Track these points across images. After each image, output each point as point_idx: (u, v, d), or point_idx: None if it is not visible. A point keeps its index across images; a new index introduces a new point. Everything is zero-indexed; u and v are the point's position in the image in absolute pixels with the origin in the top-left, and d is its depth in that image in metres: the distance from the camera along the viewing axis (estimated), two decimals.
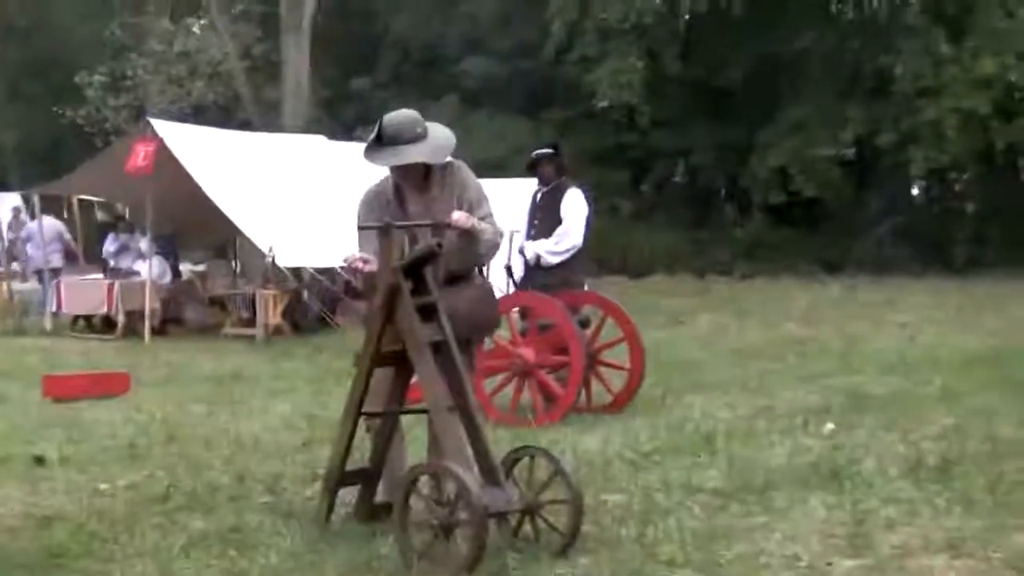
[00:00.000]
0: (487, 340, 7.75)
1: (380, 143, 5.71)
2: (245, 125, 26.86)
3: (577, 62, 25.87)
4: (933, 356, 12.40)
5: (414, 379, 5.60)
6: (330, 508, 5.75)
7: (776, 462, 6.91)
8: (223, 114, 29.01)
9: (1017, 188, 29.33)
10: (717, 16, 25.01)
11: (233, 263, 20.05)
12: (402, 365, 5.58)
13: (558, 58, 26.23)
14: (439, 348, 5.37)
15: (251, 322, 17.22)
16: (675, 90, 27.20)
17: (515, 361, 8.91)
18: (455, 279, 5.79)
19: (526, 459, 5.53)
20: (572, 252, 9.58)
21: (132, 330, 17.24)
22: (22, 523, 5.96)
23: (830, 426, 8.00)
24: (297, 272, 17.44)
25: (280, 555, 5.25)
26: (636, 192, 28.98)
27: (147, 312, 16.94)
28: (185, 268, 20.13)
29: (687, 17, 25.44)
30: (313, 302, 17.53)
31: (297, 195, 17.46)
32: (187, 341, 16.68)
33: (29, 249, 20.00)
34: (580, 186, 9.99)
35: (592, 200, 10.14)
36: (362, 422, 5.81)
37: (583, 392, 9.20)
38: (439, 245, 5.34)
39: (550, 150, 10.00)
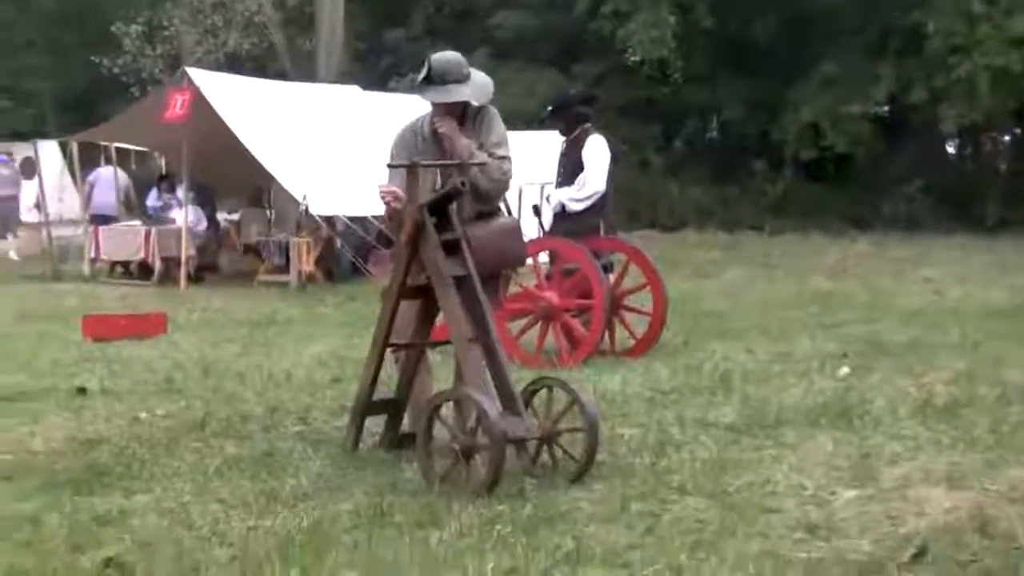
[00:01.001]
0: (512, 284, 7.99)
1: (428, 81, 5.97)
2: (279, 76, 26.97)
3: (609, 16, 25.89)
4: (955, 309, 12.58)
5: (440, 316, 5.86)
6: (358, 435, 6.03)
7: (789, 401, 7.14)
8: (257, 64, 29.16)
9: None
10: None
11: (267, 211, 20.30)
12: (427, 299, 5.84)
13: (590, 12, 26.26)
14: (462, 282, 5.63)
15: (284, 269, 17.49)
16: (707, 45, 27.20)
17: (540, 304, 9.15)
18: (483, 215, 6.04)
19: (544, 390, 5.79)
20: (595, 198, 9.75)
21: (168, 276, 17.55)
22: (67, 446, 6.28)
23: (845, 370, 8.21)
24: (330, 220, 17.67)
25: (309, 477, 5.54)
26: (668, 146, 29.06)
27: (183, 259, 17.25)
28: (220, 216, 20.39)
29: None
30: (346, 250, 17.76)
31: (331, 144, 17.69)
32: (222, 288, 16.95)
33: (96, 195, 20.28)
34: (602, 133, 10.16)
35: (616, 151, 10.29)
36: (390, 354, 6.08)
37: (607, 336, 9.45)
38: (463, 183, 5.58)
39: (561, 104, 10.17)
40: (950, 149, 31.77)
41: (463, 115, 6.12)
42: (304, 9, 30.21)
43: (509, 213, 6.33)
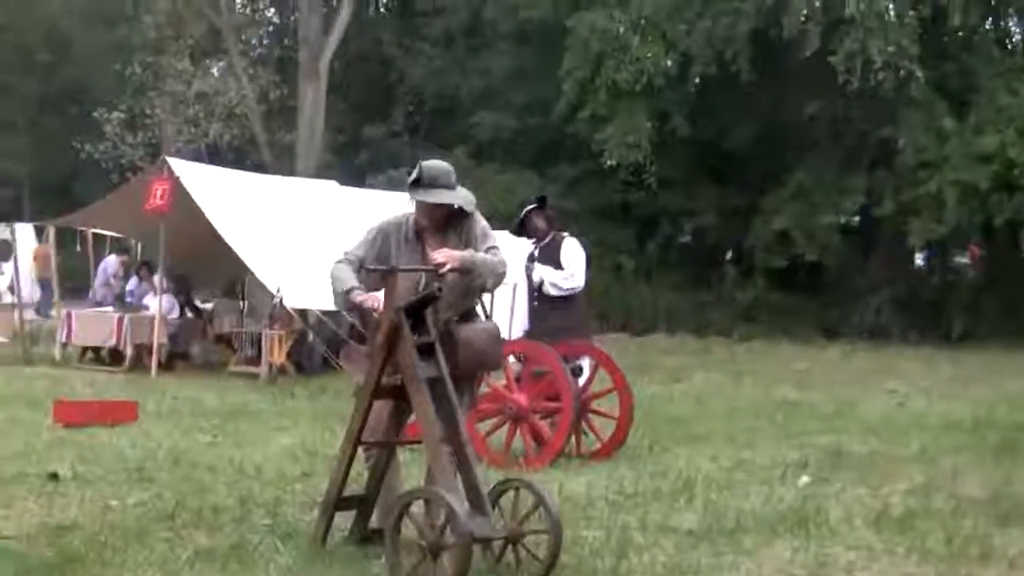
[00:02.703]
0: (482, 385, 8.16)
1: (417, 184, 6.19)
2: (259, 167, 27.35)
3: (587, 120, 26.32)
4: (917, 421, 12.75)
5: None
6: (327, 530, 6.16)
7: (749, 508, 7.31)
8: (237, 156, 29.56)
9: (1015, 262, 29.72)
10: (726, 80, 25.48)
11: (241, 302, 20.45)
12: (400, 399, 6.00)
13: (569, 116, 26.69)
14: (435, 384, 5.80)
15: (256, 360, 17.59)
16: (682, 151, 27.62)
17: (509, 405, 9.31)
18: (465, 317, 6.24)
19: (511, 491, 5.94)
20: (574, 292, 10.02)
21: (139, 363, 17.63)
22: (39, 532, 6.38)
23: (805, 479, 8.39)
24: (303, 313, 17.82)
25: (279, 571, 5.67)
26: (640, 250, 29.38)
27: (155, 346, 17.34)
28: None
29: (697, 80, 25.86)
30: (318, 344, 17.90)
31: (307, 238, 17.89)
32: (192, 377, 17.03)
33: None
34: (575, 235, 10.46)
35: (590, 252, 10.58)
36: (361, 452, 6.23)
37: (573, 438, 9.60)
38: (440, 289, 5.78)
39: (536, 204, 10.52)
40: (918, 261, 32.21)
41: (446, 221, 6.32)
42: (285, 102, 30.72)
43: (487, 316, 6.50)
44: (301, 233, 17.96)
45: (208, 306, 20.38)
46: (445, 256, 6.05)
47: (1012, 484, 8.25)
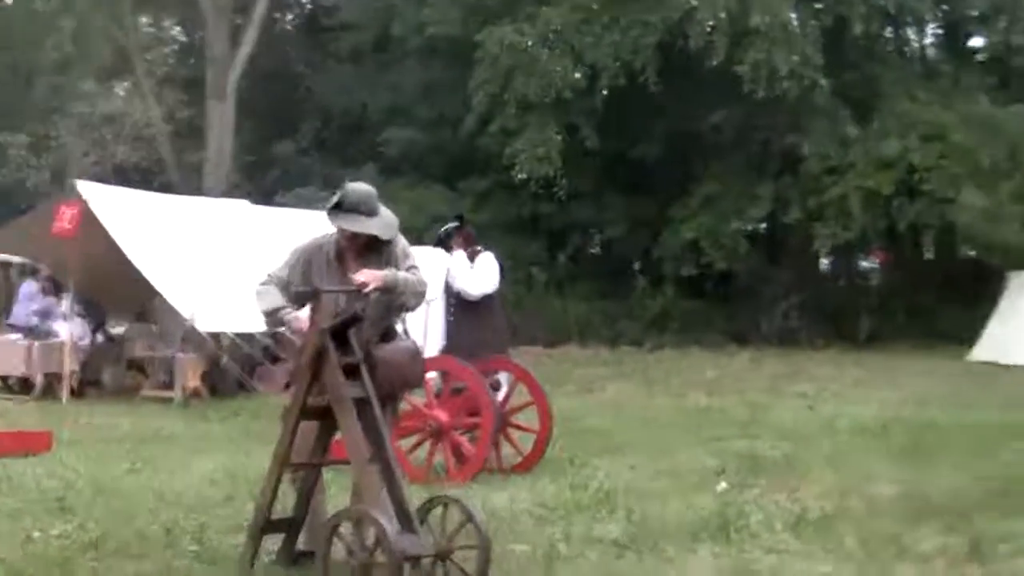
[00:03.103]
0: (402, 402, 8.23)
1: (339, 208, 6.22)
2: (167, 188, 27.08)
3: (496, 134, 26.45)
4: (828, 424, 13.02)
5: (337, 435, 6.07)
6: (255, 554, 6.17)
7: (671, 517, 7.45)
8: (144, 177, 29.25)
9: (919, 265, 30.35)
10: (634, 92, 25.74)
11: (153, 327, 20.25)
12: (326, 419, 6.05)
13: (478, 130, 26.80)
14: (361, 404, 5.85)
15: (169, 385, 17.44)
16: (592, 163, 27.82)
17: (430, 422, 9.37)
18: (386, 336, 6.30)
19: (439, 508, 6.00)
20: (488, 295, 10.13)
21: (50, 391, 17.38)
22: None
23: (723, 485, 8.55)
24: (216, 336, 17.70)
25: None
26: (551, 262, 29.55)
27: (66, 374, 17.11)
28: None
29: (605, 93, 26.09)
30: (232, 367, 17.79)
31: (219, 259, 17.78)
32: (105, 403, 16.77)
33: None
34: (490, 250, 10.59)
35: (504, 267, 10.70)
36: (286, 473, 6.25)
37: (494, 452, 9.69)
38: (363, 310, 5.84)
39: (456, 223, 10.62)
40: (824, 267, 32.73)
41: (367, 243, 6.36)
42: (193, 122, 30.48)
43: (407, 334, 6.56)
44: (213, 254, 17.83)
45: (120, 331, 20.16)
46: (367, 276, 6.10)
47: (922, 483, 8.50)
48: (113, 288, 18.83)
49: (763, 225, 29.19)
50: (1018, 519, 7.39)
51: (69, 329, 17.53)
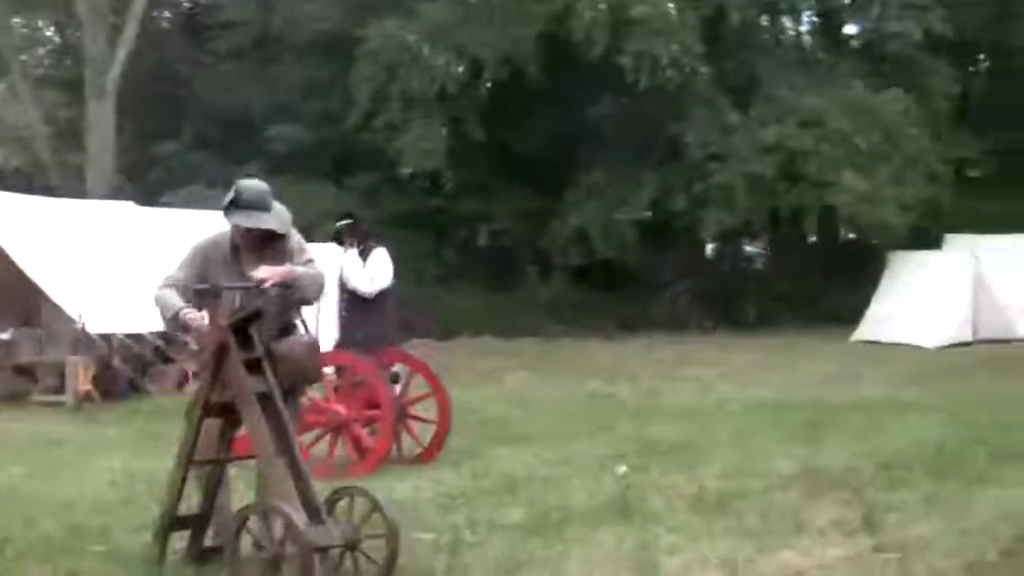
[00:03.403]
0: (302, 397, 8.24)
1: (235, 206, 6.23)
2: (48, 191, 26.59)
3: (382, 129, 26.42)
4: (722, 407, 13.28)
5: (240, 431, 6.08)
6: (163, 552, 6.16)
7: (573, 501, 7.58)
8: (24, 180, 28.70)
9: (802, 248, 30.97)
10: (518, 84, 25.90)
11: (39, 331, 19.91)
12: (229, 416, 6.05)
13: (363, 125, 26.73)
14: (265, 399, 5.87)
15: (60, 389, 17.18)
16: (478, 156, 27.91)
17: (330, 416, 9.39)
18: (284, 330, 6.32)
19: (346, 499, 6.05)
20: (381, 290, 10.18)
21: None
22: None
23: (623, 469, 8.69)
24: (107, 338, 17.49)
25: None
26: (439, 256, 29.59)
27: None
28: None
29: (489, 85, 26.20)
30: (123, 368, 17.57)
31: (106, 261, 17.62)
32: None
33: None
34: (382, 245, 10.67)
35: (396, 260, 10.78)
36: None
37: (395, 444, 9.74)
38: (264, 306, 5.85)
39: (349, 220, 10.68)
40: (708, 252, 33.21)
41: (263, 239, 6.37)
42: (73, 123, 29.96)
43: (306, 329, 6.58)
44: (100, 256, 17.67)
45: (4, 336, 19.79)
46: (267, 272, 6.11)
47: (818, 459, 8.73)
48: None
49: (648, 213, 29.46)
50: (904, 490, 7.66)
51: None
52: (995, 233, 23.50)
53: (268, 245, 6.39)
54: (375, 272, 10.33)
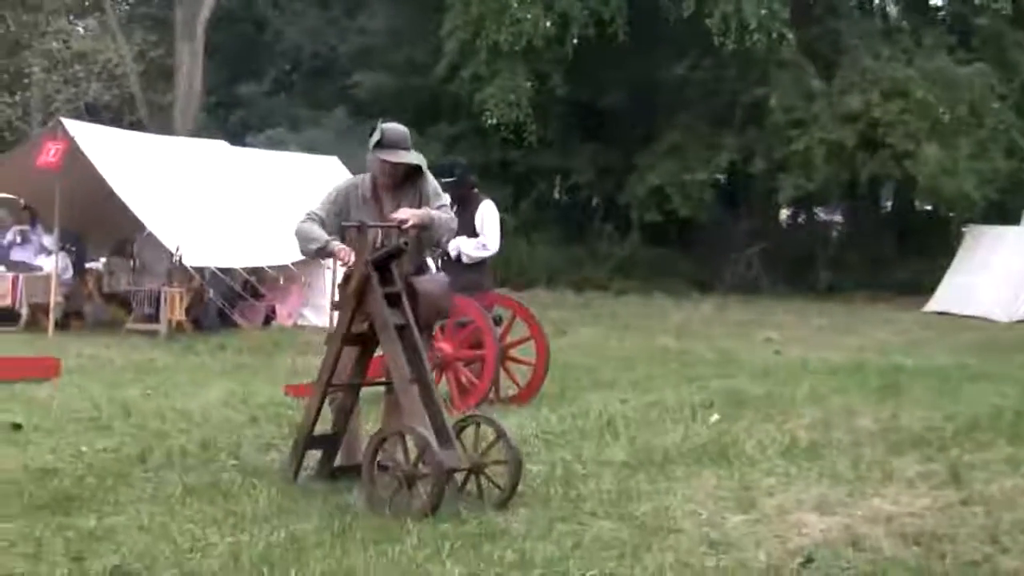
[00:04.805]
0: None
1: (379, 146, 6.69)
2: (136, 126, 27.31)
3: (467, 80, 26.81)
4: (799, 367, 13.60)
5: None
6: (299, 467, 6.67)
7: (671, 443, 7.99)
8: (115, 115, 29.41)
9: (876, 218, 31.10)
10: (603, 40, 26.16)
11: (131, 261, 20.55)
12: (366, 345, 6.53)
13: (449, 76, 27.13)
14: (402, 330, 6.34)
15: (153, 318, 17.79)
16: (560, 110, 28.29)
17: (436, 354, 9.83)
18: (419, 269, 6.79)
19: (472, 427, 6.52)
20: (489, 256, 10.58)
21: (33, 323, 17.69)
22: (24, 476, 6.76)
23: (715, 417, 9.09)
24: (200, 271, 18.04)
25: (265, 502, 6.17)
26: (517, 207, 29.96)
27: (51, 305, 17.44)
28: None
29: (575, 41, 26.48)
30: (217, 300, 18.12)
31: (201, 197, 18.17)
32: (89, 335, 17.09)
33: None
34: (491, 197, 11.01)
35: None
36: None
37: (493, 385, 10.18)
38: (405, 243, 6.32)
39: (451, 178, 10.85)
40: (783, 217, 33.39)
41: (403, 180, 6.83)
42: (163, 62, 30.60)
43: (437, 268, 7.06)
44: (196, 193, 18.23)
45: (97, 265, 20.43)
46: (408, 214, 6.57)
47: (899, 419, 9.06)
48: (93, 223, 19.14)
49: (725, 176, 29.67)
50: (988, 451, 7.97)
51: (54, 262, 17.84)
52: None
53: (407, 185, 6.83)
54: (487, 238, 10.56)
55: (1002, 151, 25.03)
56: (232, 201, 18.68)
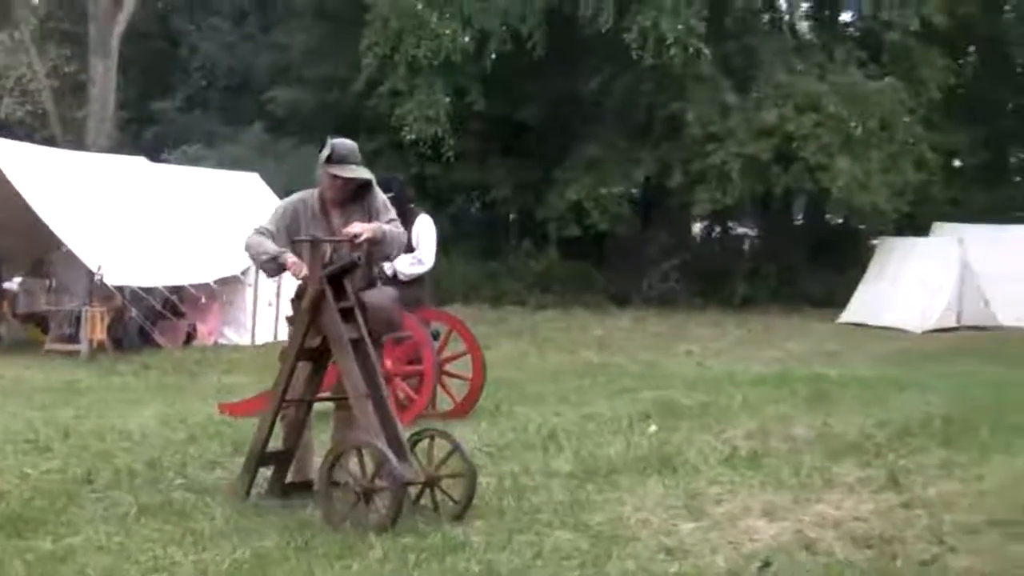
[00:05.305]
0: None
1: (329, 161, 6.71)
2: (49, 142, 26.89)
3: (386, 95, 26.80)
4: (725, 378, 13.76)
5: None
6: (251, 484, 6.66)
7: (614, 454, 8.08)
8: (27, 130, 28.98)
9: (789, 231, 31.55)
10: (521, 55, 26.26)
11: (47, 281, 20.26)
12: (318, 360, 6.55)
13: (368, 90, 27.10)
14: (356, 344, 6.37)
15: (73, 338, 17.58)
16: (478, 125, 28.33)
17: None
18: (369, 283, 6.82)
19: (426, 440, 6.56)
20: (425, 271, 10.61)
21: None
22: None
23: (653, 428, 9.21)
24: (120, 289, 17.86)
25: (221, 520, 6.16)
26: (436, 223, 29.85)
27: None
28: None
29: (493, 56, 26.58)
30: (138, 319, 17.94)
31: (122, 214, 18.02)
32: (6, 357, 16.81)
33: None
34: (427, 212, 11.05)
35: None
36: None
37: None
38: (359, 257, 6.35)
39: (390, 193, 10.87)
40: (697, 230, 33.70)
41: (351, 195, 6.86)
42: (76, 78, 30.23)
43: (384, 280, 7.10)
44: (116, 210, 18.06)
45: (12, 286, 20.13)
46: (360, 228, 6.60)
47: (832, 426, 9.25)
48: (8, 242, 18.85)
49: (634, 190, 29.84)
50: (922, 455, 8.18)
51: None
52: (980, 222, 24.17)
53: (356, 200, 6.87)
54: (422, 253, 10.56)
55: (912, 164, 25.54)
56: (153, 218, 18.53)
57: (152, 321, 18.22)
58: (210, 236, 18.42)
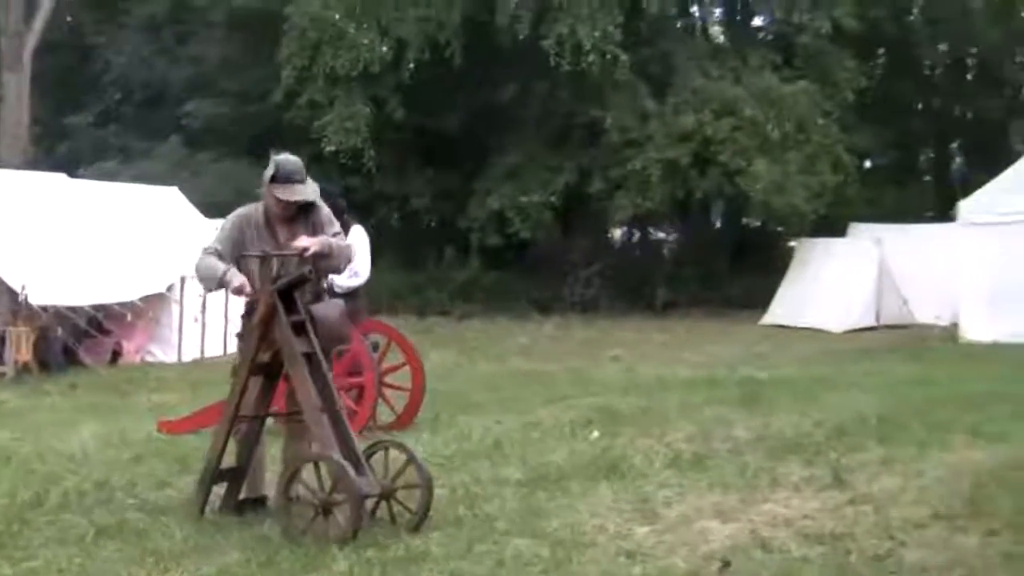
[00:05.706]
0: None
1: (274, 180, 6.70)
2: None
3: (305, 107, 26.74)
4: (655, 382, 13.91)
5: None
6: (205, 501, 6.64)
7: (561, 461, 8.16)
8: None
9: (708, 234, 31.90)
10: (440, 66, 26.32)
11: None
12: (270, 375, 6.56)
13: (286, 102, 27.00)
14: (309, 358, 6.39)
15: None
16: (398, 136, 28.35)
17: None
18: (316, 296, 6.84)
19: (381, 452, 6.59)
20: (360, 283, 10.63)
21: None
22: None
23: (595, 434, 9.31)
24: (44, 309, 17.63)
25: (180, 538, 6.13)
26: None
27: None
28: None
29: (412, 66, 26.59)
30: (58, 340, 17.70)
31: (43, 232, 17.77)
32: None
33: None
34: (361, 223, 11.06)
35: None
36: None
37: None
38: (310, 271, 6.37)
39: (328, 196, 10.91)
40: (617, 236, 33.89)
41: (297, 210, 6.87)
42: None
43: (330, 294, 7.12)
44: (37, 228, 17.80)
45: None
46: (309, 242, 6.62)
47: (771, 427, 9.42)
48: None
49: (553, 198, 29.95)
50: (861, 453, 8.36)
51: None
52: (892, 222, 24.62)
53: (300, 216, 6.89)
54: (358, 264, 10.47)
55: (829, 166, 25.96)
56: (75, 236, 18.30)
57: (77, 340, 18.03)
58: (134, 252, 18.28)
